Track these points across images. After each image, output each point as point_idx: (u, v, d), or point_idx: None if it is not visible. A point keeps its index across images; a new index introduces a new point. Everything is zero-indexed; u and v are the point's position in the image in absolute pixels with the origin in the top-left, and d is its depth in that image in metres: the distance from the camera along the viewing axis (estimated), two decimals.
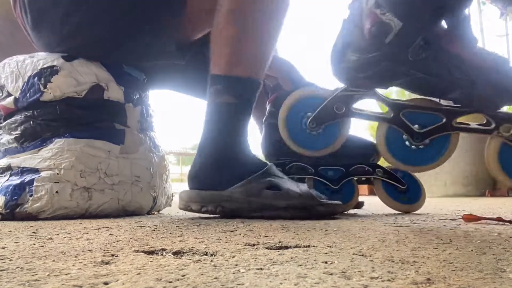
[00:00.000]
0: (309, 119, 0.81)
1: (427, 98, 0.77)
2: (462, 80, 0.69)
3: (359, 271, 0.29)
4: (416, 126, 0.77)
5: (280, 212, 0.71)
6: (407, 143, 0.79)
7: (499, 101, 0.72)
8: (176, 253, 0.37)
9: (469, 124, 0.79)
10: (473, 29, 0.69)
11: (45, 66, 0.81)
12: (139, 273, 0.28)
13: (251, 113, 0.79)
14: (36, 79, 0.80)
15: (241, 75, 0.76)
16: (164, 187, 0.94)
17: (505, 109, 0.78)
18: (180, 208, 0.78)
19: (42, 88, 0.80)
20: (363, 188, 3.17)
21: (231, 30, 0.75)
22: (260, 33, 0.77)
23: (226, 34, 0.76)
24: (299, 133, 0.83)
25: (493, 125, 0.75)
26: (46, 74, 0.80)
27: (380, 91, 0.79)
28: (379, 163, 0.96)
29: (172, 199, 1.00)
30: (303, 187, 0.74)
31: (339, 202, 0.77)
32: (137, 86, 0.90)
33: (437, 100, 0.77)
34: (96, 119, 0.82)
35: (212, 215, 0.76)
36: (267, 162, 0.79)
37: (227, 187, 0.74)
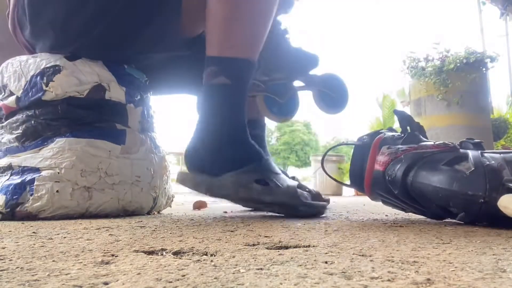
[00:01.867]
0: None
1: None
2: None
3: (359, 271, 0.29)
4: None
5: (264, 206, 0.74)
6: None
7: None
8: (176, 253, 0.37)
9: None
10: None
11: (48, 65, 0.81)
12: (139, 273, 0.28)
13: (246, 94, 0.79)
14: (38, 78, 0.80)
15: (233, 56, 0.76)
16: (165, 188, 0.94)
17: None
18: (177, 182, 0.83)
19: (44, 87, 0.80)
20: None
21: (222, 11, 0.75)
22: (251, 12, 0.77)
23: (217, 15, 0.76)
24: None
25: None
26: (49, 73, 0.80)
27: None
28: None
29: (172, 200, 1.00)
30: (292, 185, 0.75)
31: (324, 203, 0.79)
32: (138, 87, 0.90)
33: None
34: (97, 119, 0.83)
35: (211, 216, 0.76)
36: (263, 154, 0.78)
37: (219, 173, 0.75)
